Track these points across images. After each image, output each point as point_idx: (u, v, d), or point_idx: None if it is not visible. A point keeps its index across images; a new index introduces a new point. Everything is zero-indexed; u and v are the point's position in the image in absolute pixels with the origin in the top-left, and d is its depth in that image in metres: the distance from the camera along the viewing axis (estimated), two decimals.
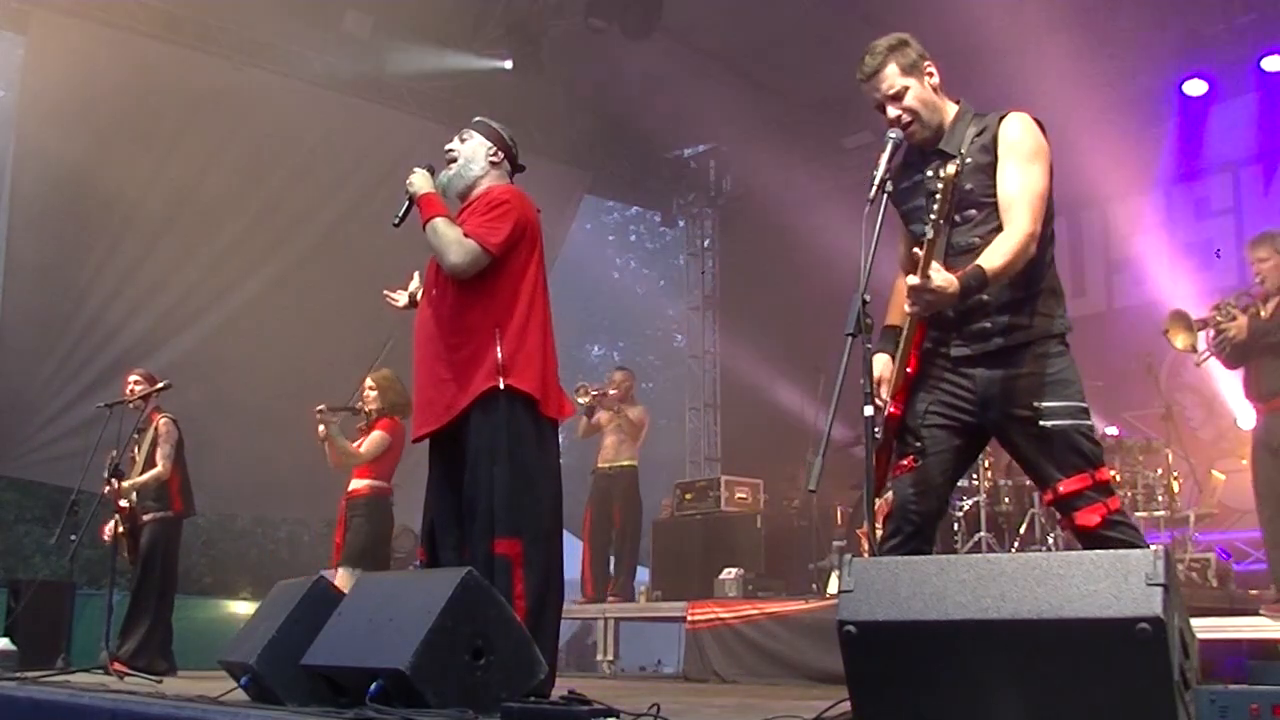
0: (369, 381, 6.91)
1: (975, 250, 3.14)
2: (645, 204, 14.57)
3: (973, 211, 3.23)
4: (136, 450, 7.18)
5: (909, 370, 3.28)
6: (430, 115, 10.25)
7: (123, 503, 6.91)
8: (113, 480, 6.74)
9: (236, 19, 9.21)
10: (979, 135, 3.27)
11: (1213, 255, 8.93)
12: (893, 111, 3.31)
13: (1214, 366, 6.67)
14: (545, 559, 3.81)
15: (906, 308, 3.15)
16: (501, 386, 3.78)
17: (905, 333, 3.27)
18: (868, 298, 3.11)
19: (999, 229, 3.16)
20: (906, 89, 3.32)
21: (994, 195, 3.20)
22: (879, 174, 3.25)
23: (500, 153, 4.08)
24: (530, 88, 10.15)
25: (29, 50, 8.93)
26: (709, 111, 10.90)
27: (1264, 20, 8.52)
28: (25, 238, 8.83)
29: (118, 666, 6.26)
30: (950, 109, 3.38)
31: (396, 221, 4.05)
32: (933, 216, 3.01)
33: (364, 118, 9.96)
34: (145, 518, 7.13)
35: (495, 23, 9.78)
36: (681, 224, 13.55)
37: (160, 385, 6.95)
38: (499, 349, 3.80)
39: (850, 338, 3.08)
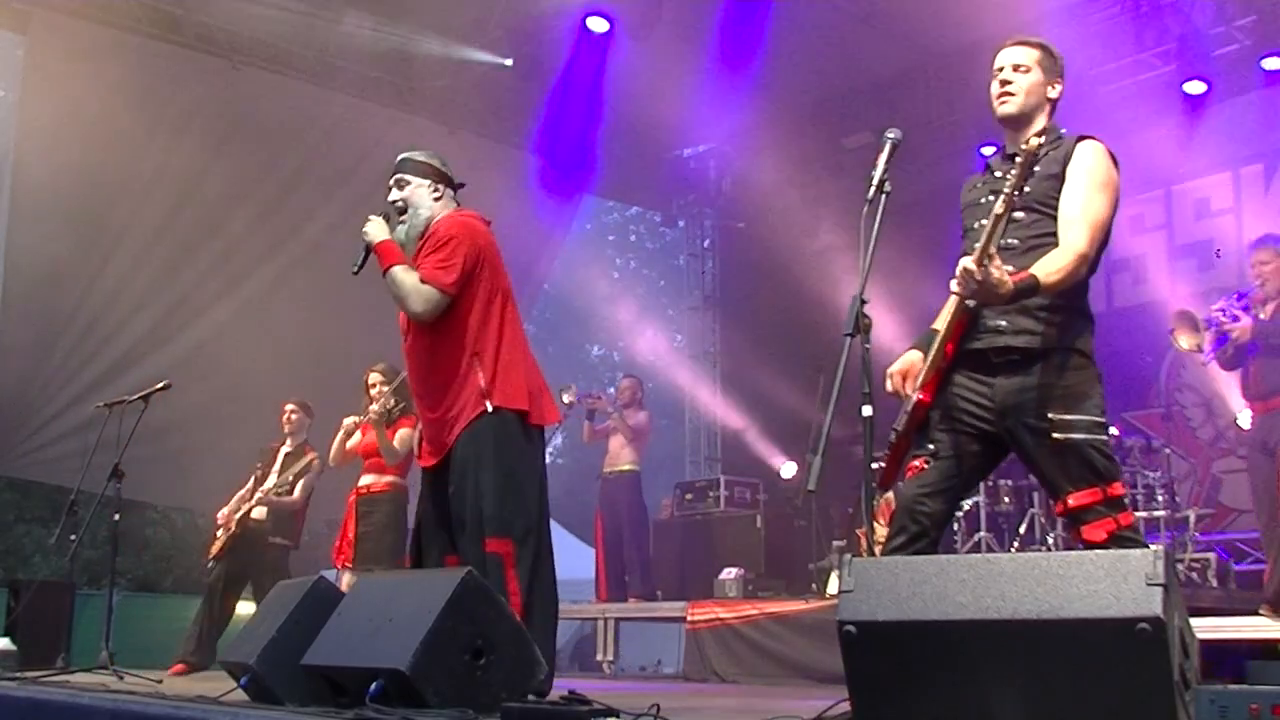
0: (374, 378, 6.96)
1: (1012, 250, 3.15)
2: (645, 204, 14.57)
3: (1022, 215, 3.23)
4: (275, 470, 7.51)
5: (943, 363, 3.28)
6: (430, 115, 10.25)
7: (255, 513, 7.37)
8: (256, 489, 7.36)
9: (236, 19, 9.20)
10: (1053, 150, 3.29)
11: (1213, 255, 8.94)
12: (1005, 75, 3.35)
13: (1218, 365, 6.66)
14: (534, 557, 3.89)
15: (953, 287, 3.15)
16: (490, 409, 3.90)
17: (947, 325, 3.27)
18: (866, 298, 3.12)
19: (1040, 236, 3.19)
20: (1030, 70, 3.35)
21: (1051, 206, 3.22)
22: (877, 174, 3.26)
23: (440, 185, 4.14)
24: (530, 88, 10.15)
25: (29, 50, 8.92)
26: (709, 111, 10.90)
27: (1264, 20, 8.52)
28: (25, 237, 8.83)
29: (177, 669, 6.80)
30: (1043, 124, 3.38)
31: (355, 270, 4.14)
32: (1006, 190, 3.01)
33: (364, 118, 9.96)
34: (273, 540, 7.43)
35: (495, 23, 9.78)
36: (681, 224, 13.54)
37: (160, 385, 6.95)
38: (480, 375, 3.92)
39: (848, 338, 3.09)
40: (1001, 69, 3.36)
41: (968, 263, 3.01)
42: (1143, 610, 2.22)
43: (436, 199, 4.12)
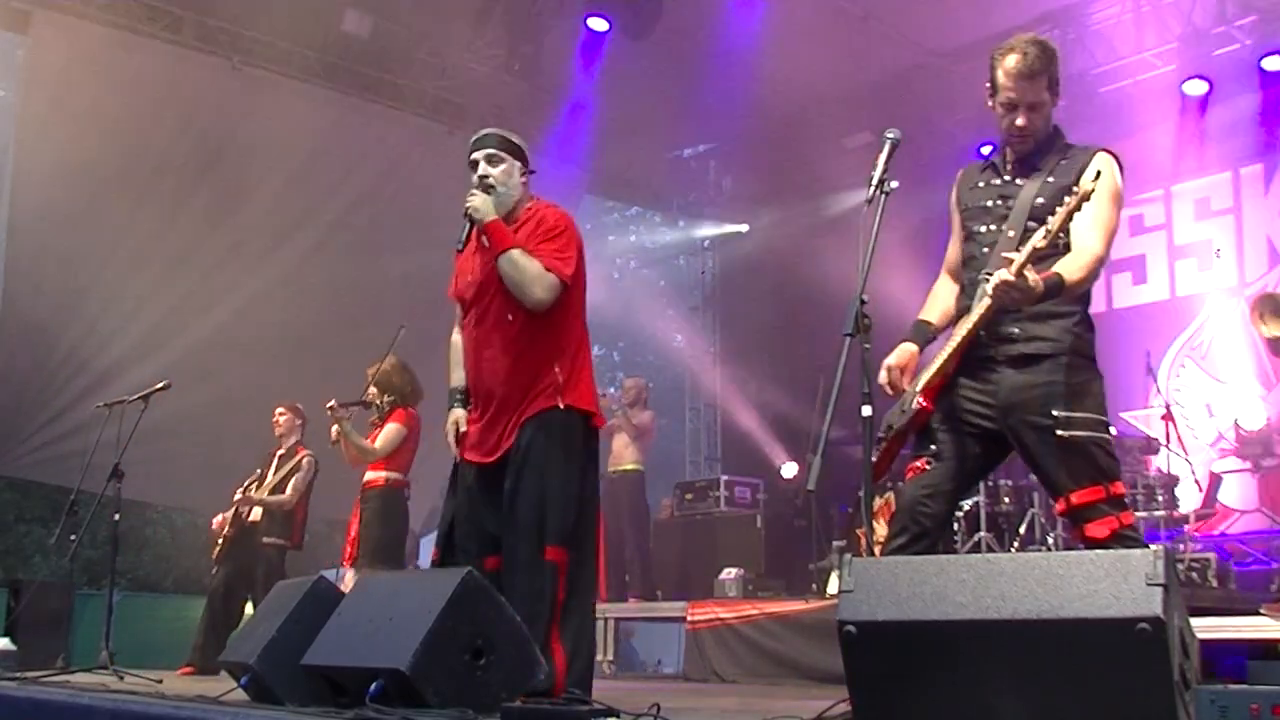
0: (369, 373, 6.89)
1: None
2: (645, 204, 14.57)
3: (1034, 224, 3.25)
4: (271, 472, 7.60)
5: (949, 372, 3.29)
6: (430, 115, 10.25)
7: (252, 515, 7.50)
8: (250, 489, 7.51)
9: (236, 19, 9.21)
10: (1065, 160, 3.30)
11: (1213, 255, 8.93)
12: (1020, 120, 3.31)
13: (1218, 365, 6.63)
14: (582, 565, 3.86)
15: (989, 297, 3.13)
16: (561, 407, 3.83)
17: (959, 338, 3.27)
18: (865, 298, 3.12)
19: (1052, 245, 3.18)
20: (1044, 104, 3.31)
21: None
22: (877, 174, 3.26)
23: (526, 170, 4.05)
24: (530, 87, 10.15)
25: (29, 50, 8.92)
26: (709, 111, 10.89)
27: (1264, 20, 8.52)
28: (25, 236, 8.83)
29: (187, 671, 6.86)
30: (1049, 128, 3.39)
31: (459, 247, 3.95)
32: (1050, 227, 3.02)
33: (364, 118, 9.96)
34: (266, 540, 7.49)
35: (495, 23, 9.78)
36: (681, 224, 13.54)
37: (160, 385, 6.95)
38: (558, 372, 3.84)
39: (848, 338, 3.09)
40: (1015, 106, 3.30)
41: (1006, 275, 3.01)
42: (1143, 610, 2.22)
43: (524, 182, 4.03)
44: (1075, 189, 3.15)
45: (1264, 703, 2.79)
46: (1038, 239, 3.02)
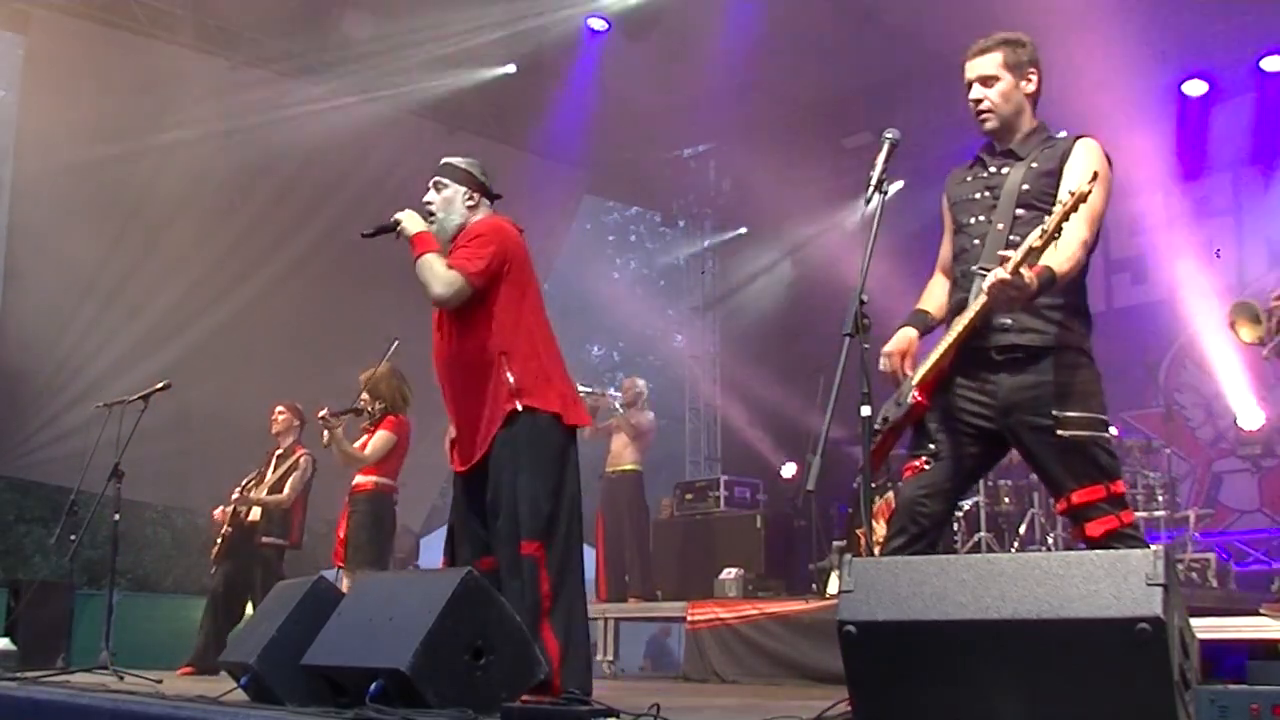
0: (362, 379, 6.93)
1: (1013, 247, 3.15)
2: (645, 204, 14.57)
3: (1022, 211, 3.27)
4: (269, 471, 7.60)
5: (945, 366, 3.29)
6: (430, 115, 10.25)
7: (251, 515, 7.50)
8: (246, 492, 7.50)
9: (235, 19, 9.21)
10: (1048, 149, 3.31)
11: (1213, 255, 8.93)
12: (976, 93, 3.36)
13: (1218, 365, 6.63)
14: (565, 557, 3.89)
15: (984, 295, 3.11)
16: (519, 409, 3.88)
17: (956, 332, 3.27)
18: (865, 298, 3.12)
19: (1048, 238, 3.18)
20: (998, 79, 3.35)
21: (1046, 202, 3.22)
22: (876, 174, 3.27)
23: (474, 194, 4.13)
24: (530, 88, 10.15)
25: (29, 50, 8.93)
26: (709, 111, 10.89)
27: (1264, 20, 8.52)
28: (25, 237, 8.84)
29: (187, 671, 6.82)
30: (1031, 121, 3.41)
31: (367, 233, 4.14)
32: (1046, 228, 3.00)
33: (364, 118, 9.95)
34: (265, 540, 7.48)
35: (495, 24, 9.78)
36: (681, 224, 13.54)
37: (160, 385, 6.95)
38: (509, 374, 3.89)
39: (848, 338, 3.09)
40: (971, 85, 3.36)
41: (1002, 274, 3.00)
42: (1143, 610, 2.22)
43: (470, 206, 4.10)
44: (1064, 180, 3.15)
45: (1264, 703, 2.78)
46: (1034, 239, 2.99)
